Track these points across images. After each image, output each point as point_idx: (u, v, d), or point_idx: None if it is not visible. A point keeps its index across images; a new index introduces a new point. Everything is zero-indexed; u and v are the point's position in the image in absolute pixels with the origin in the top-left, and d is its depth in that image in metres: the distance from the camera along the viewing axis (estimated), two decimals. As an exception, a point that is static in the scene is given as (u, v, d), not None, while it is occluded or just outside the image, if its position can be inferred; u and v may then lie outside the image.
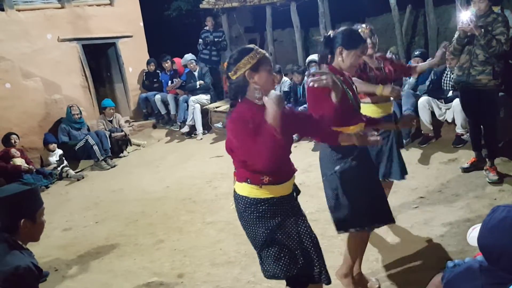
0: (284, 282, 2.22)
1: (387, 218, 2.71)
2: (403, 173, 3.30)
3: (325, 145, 2.61)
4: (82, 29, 7.89)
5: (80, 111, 7.19)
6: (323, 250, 2.16)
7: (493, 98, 4.10)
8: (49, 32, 7.49)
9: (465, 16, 3.90)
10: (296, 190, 2.28)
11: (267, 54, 2.14)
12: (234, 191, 2.19)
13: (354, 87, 2.63)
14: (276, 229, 2.11)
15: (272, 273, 2.17)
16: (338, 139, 2.36)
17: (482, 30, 3.84)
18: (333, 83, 2.34)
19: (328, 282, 2.22)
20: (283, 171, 2.15)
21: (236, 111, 2.11)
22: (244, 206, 2.13)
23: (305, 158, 5.56)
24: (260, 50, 2.12)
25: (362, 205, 2.55)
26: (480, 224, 1.60)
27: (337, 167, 2.54)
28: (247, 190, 2.11)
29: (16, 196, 1.95)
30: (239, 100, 2.13)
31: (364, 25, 3.24)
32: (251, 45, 2.14)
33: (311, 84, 2.34)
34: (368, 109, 3.05)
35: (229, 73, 2.13)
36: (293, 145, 3.48)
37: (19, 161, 6.08)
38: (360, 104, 2.68)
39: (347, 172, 2.53)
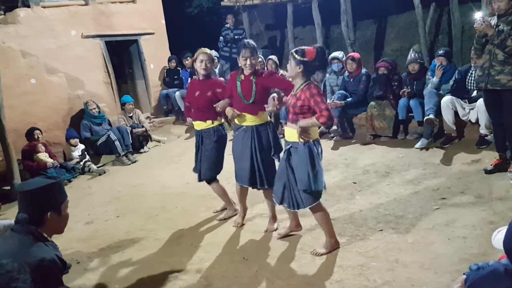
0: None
1: (247, 182, 3.75)
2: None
3: None
4: (105, 26, 8.01)
5: (98, 105, 7.28)
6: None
7: None
8: (73, 29, 7.63)
9: (478, 16, 3.86)
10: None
11: (206, 53, 4.00)
12: None
13: (253, 86, 3.56)
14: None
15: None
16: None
17: (496, 29, 3.77)
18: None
19: (200, 179, 4.21)
20: (192, 116, 4.14)
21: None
22: None
23: (324, 156, 5.51)
24: (204, 50, 4.00)
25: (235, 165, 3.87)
26: (505, 227, 1.57)
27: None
28: None
29: (43, 189, 2.00)
30: None
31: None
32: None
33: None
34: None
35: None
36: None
37: (43, 156, 6.22)
38: (252, 97, 3.55)
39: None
